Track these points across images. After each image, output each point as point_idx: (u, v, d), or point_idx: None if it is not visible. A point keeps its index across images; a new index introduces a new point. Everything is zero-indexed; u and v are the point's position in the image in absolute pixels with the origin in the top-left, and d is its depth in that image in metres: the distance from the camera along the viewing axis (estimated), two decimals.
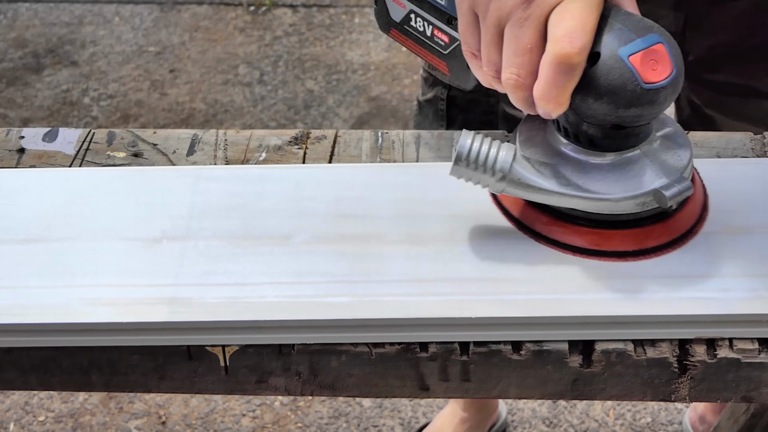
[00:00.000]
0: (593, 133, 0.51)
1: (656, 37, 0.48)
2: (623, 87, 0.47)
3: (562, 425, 1.58)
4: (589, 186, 0.51)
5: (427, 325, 0.51)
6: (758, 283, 0.51)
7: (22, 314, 0.51)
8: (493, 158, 0.51)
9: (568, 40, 0.46)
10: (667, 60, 0.48)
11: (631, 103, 0.48)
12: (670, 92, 0.48)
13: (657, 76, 0.48)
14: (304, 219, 0.56)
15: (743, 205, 0.57)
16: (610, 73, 0.47)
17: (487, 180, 0.52)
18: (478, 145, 0.51)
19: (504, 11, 0.49)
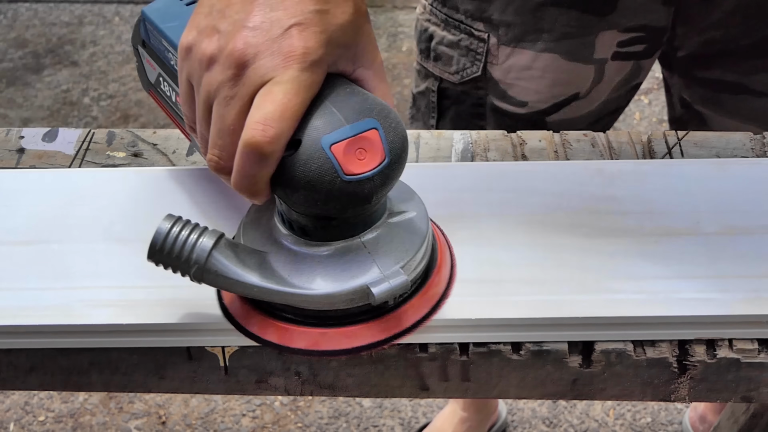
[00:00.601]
0: (304, 223, 0.48)
1: (371, 122, 0.44)
2: (321, 178, 0.43)
3: (562, 425, 1.58)
4: (293, 279, 0.47)
5: (426, 326, 0.50)
6: (758, 284, 0.51)
7: (22, 316, 0.51)
8: (190, 246, 0.46)
9: (261, 128, 0.42)
10: (379, 148, 0.44)
11: (330, 196, 0.44)
12: (377, 183, 0.44)
13: (362, 166, 0.43)
14: None
15: (743, 205, 0.57)
16: (308, 163, 0.43)
17: (185, 269, 0.46)
18: (177, 230, 0.46)
19: (213, 87, 0.45)
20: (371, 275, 0.47)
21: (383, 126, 0.45)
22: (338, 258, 0.47)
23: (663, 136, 0.64)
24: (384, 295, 0.46)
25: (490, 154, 0.63)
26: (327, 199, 0.44)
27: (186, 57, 0.47)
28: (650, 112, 2.28)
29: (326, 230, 0.48)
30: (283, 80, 0.43)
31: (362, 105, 0.45)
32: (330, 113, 0.44)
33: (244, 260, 0.47)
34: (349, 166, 0.43)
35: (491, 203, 0.57)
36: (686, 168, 0.60)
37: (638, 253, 0.53)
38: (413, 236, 0.49)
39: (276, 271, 0.47)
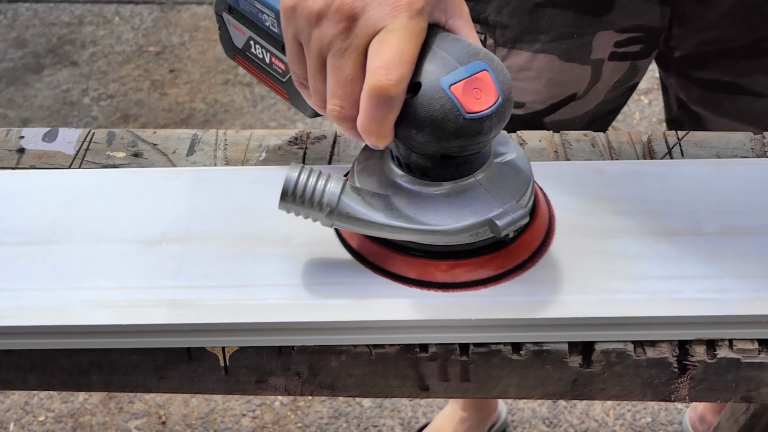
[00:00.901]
0: (423, 164, 0.50)
1: (481, 65, 0.47)
2: (444, 118, 0.46)
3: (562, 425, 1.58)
4: (420, 218, 0.50)
5: (427, 327, 0.51)
6: (758, 284, 0.51)
7: (22, 316, 0.51)
8: (320, 192, 0.49)
9: (384, 72, 0.45)
10: (492, 88, 0.47)
11: (454, 134, 0.47)
12: (495, 121, 0.47)
13: (480, 105, 0.46)
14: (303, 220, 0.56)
15: (743, 206, 0.57)
16: (431, 104, 0.46)
17: (316, 214, 0.50)
18: (305, 178, 0.50)
19: (325, 41, 0.47)
20: (492, 209, 0.49)
21: (492, 68, 0.47)
22: (458, 195, 0.50)
23: (663, 136, 0.64)
24: (508, 226, 0.49)
25: None
26: (451, 137, 0.47)
27: (291, 16, 0.49)
28: (650, 112, 2.28)
29: (445, 169, 0.50)
30: (394, 28, 0.46)
31: (469, 49, 0.48)
32: (442, 57, 0.47)
33: (370, 202, 0.50)
34: (468, 104, 0.46)
35: None
36: (686, 168, 0.60)
37: (638, 254, 0.53)
38: (520, 174, 0.52)
39: (401, 211, 0.50)
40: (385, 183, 0.52)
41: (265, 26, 0.55)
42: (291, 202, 0.50)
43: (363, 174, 0.53)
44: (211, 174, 0.60)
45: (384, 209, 0.50)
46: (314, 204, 0.50)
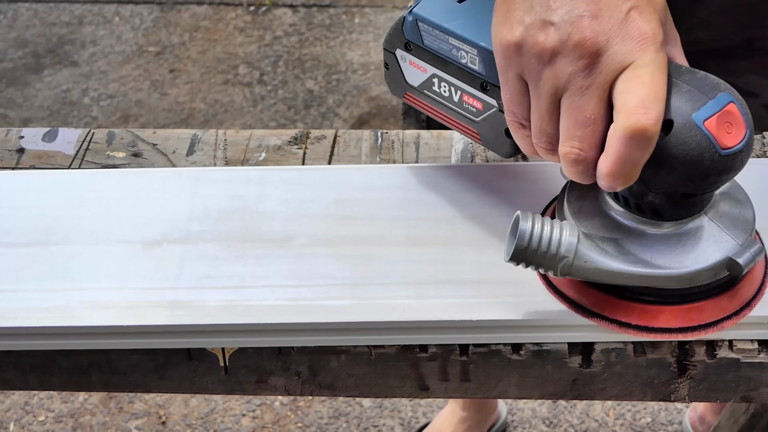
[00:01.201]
0: (659, 203, 0.48)
1: (727, 97, 0.45)
2: (701, 155, 0.44)
3: (562, 425, 1.58)
4: (657, 261, 0.48)
5: (427, 327, 0.51)
6: None
7: (22, 318, 0.51)
8: (556, 243, 0.47)
9: (642, 111, 0.42)
10: (741, 120, 0.45)
11: (708, 172, 0.44)
12: (746, 155, 0.45)
13: (732, 139, 0.44)
14: (303, 221, 0.56)
15: None
16: (687, 141, 0.44)
17: (550, 265, 0.48)
18: (539, 228, 0.47)
19: (561, 79, 0.44)
20: (729, 247, 0.48)
21: (735, 98, 0.45)
22: (693, 234, 0.48)
23: None
24: (748, 263, 0.47)
25: (489, 154, 0.63)
26: (705, 175, 0.45)
27: (515, 54, 0.46)
28: None
29: (681, 208, 0.48)
30: (645, 63, 0.43)
31: (710, 80, 0.45)
32: (688, 90, 0.45)
33: (604, 248, 0.48)
34: (723, 140, 0.44)
35: (492, 204, 0.57)
36: None
37: None
38: (742, 205, 0.50)
39: (636, 255, 0.48)
40: (611, 225, 0.49)
41: (460, 63, 0.52)
42: (523, 256, 0.47)
43: (581, 216, 0.50)
44: (211, 174, 0.60)
45: (619, 255, 0.48)
46: (549, 255, 0.47)
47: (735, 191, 0.51)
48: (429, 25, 0.53)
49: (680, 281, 0.48)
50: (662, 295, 0.49)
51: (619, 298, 0.50)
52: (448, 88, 0.55)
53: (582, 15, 0.44)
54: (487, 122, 0.53)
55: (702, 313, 0.49)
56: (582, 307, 0.50)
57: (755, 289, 0.51)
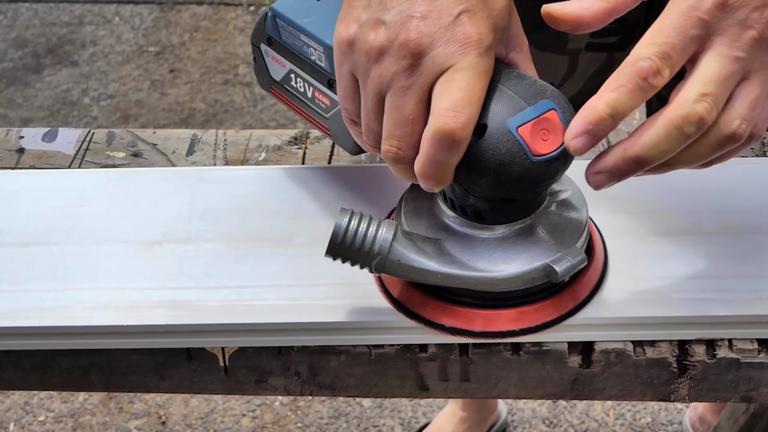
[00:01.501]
0: (481, 207, 0.48)
1: (549, 104, 0.45)
2: (511, 161, 0.44)
3: (562, 425, 1.58)
4: (474, 263, 0.48)
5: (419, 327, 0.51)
6: (758, 284, 0.51)
7: (22, 318, 0.51)
8: (371, 239, 0.47)
9: (452, 115, 0.43)
10: (560, 128, 0.45)
11: (519, 178, 0.44)
12: (561, 163, 0.45)
13: (547, 147, 0.44)
14: (303, 220, 0.56)
15: (743, 206, 0.57)
16: (497, 146, 0.44)
17: (365, 262, 0.47)
18: (355, 224, 0.47)
19: (386, 78, 0.44)
20: (551, 254, 0.48)
21: (559, 106, 0.45)
22: (515, 239, 0.49)
23: None
24: (566, 272, 0.47)
25: None
26: (516, 181, 0.45)
27: (348, 51, 0.46)
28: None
29: (503, 213, 0.48)
30: (463, 67, 0.44)
31: (535, 87, 0.46)
32: (509, 96, 0.45)
33: (422, 248, 0.48)
34: (536, 147, 0.44)
35: None
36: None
37: (638, 254, 0.53)
38: (577, 214, 0.50)
39: (454, 257, 0.48)
40: (437, 226, 0.50)
41: (310, 60, 0.53)
42: (339, 251, 0.47)
43: (412, 216, 0.51)
44: (211, 174, 0.60)
45: (436, 255, 0.48)
46: (363, 252, 0.47)
47: (573, 198, 0.51)
48: (284, 22, 0.53)
49: (493, 284, 0.48)
50: (483, 298, 0.49)
51: (440, 300, 0.50)
52: (303, 84, 0.55)
53: (412, 16, 0.44)
54: (334, 119, 0.54)
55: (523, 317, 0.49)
56: (404, 306, 0.50)
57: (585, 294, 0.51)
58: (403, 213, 0.51)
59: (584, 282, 0.51)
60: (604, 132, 0.43)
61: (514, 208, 0.48)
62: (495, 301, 0.49)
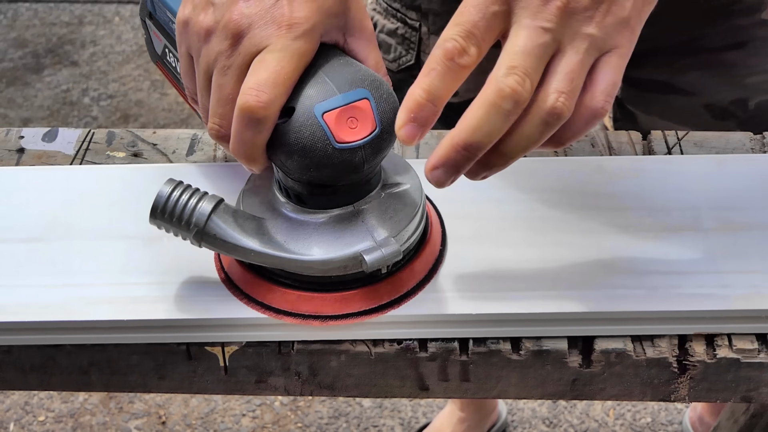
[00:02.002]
0: (299, 191, 0.49)
1: (363, 92, 0.45)
2: (313, 145, 0.45)
3: (562, 425, 1.58)
4: (289, 245, 0.48)
5: (426, 322, 0.51)
6: (757, 279, 0.52)
7: (22, 312, 0.51)
8: (190, 210, 0.47)
9: (254, 93, 0.44)
10: (370, 118, 0.45)
11: (322, 164, 0.45)
12: (369, 152, 0.46)
13: (353, 135, 0.45)
14: None
15: (742, 202, 0.57)
16: (301, 130, 0.45)
17: (185, 233, 0.48)
18: (178, 194, 0.47)
19: (211, 58, 0.46)
20: (365, 243, 0.48)
21: (374, 96, 0.46)
22: (333, 226, 0.49)
23: (663, 135, 0.64)
24: (376, 263, 0.47)
25: None
26: (319, 166, 0.45)
27: (184, 31, 0.48)
28: None
29: (321, 198, 0.49)
30: (276, 48, 0.45)
31: (354, 75, 0.46)
32: (323, 82, 0.46)
33: (242, 225, 0.48)
34: (340, 134, 0.45)
35: (491, 200, 0.57)
36: (685, 164, 0.60)
37: (638, 249, 0.54)
38: (406, 207, 0.50)
39: (273, 237, 0.48)
40: (266, 206, 0.50)
41: (174, 36, 0.53)
42: (161, 219, 0.48)
43: (249, 194, 0.52)
44: (211, 170, 0.60)
45: (254, 234, 0.48)
46: (182, 222, 0.47)
47: (410, 191, 0.51)
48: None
49: (302, 267, 0.48)
50: (301, 280, 0.49)
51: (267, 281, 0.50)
52: (174, 59, 0.56)
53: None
54: None
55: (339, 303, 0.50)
56: (235, 285, 0.51)
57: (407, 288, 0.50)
58: (243, 191, 0.52)
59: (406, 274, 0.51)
60: (428, 118, 0.43)
61: (331, 194, 0.48)
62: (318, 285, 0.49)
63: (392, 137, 0.47)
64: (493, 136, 0.43)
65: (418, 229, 0.51)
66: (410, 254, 0.51)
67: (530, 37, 0.43)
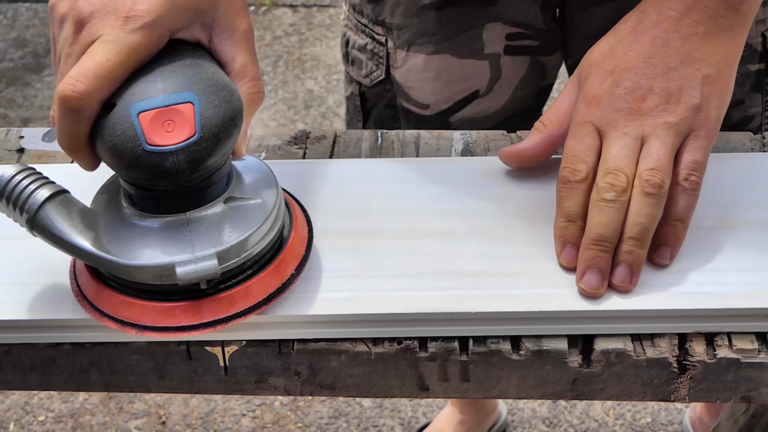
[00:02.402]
0: (129, 191, 0.47)
1: (188, 96, 0.44)
2: (124, 144, 0.43)
3: (562, 425, 1.58)
4: (110, 247, 0.46)
5: (426, 320, 0.51)
6: (756, 278, 0.52)
7: (21, 311, 0.51)
8: (26, 196, 0.45)
9: (72, 83, 0.43)
10: (190, 123, 0.43)
11: (131, 164, 0.43)
12: (182, 158, 0.43)
13: (167, 139, 0.43)
14: None
15: (741, 200, 0.57)
16: (115, 127, 0.43)
17: (20, 219, 0.46)
18: (20, 178, 0.46)
19: (59, 44, 0.47)
20: (183, 255, 0.46)
21: (203, 102, 0.44)
22: (159, 232, 0.47)
23: None
24: (188, 277, 0.45)
25: (490, 154, 0.63)
26: (129, 167, 0.44)
27: (49, 16, 0.49)
28: None
29: (149, 201, 0.47)
30: (107, 39, 0.44)
31: (190, 78, 0.45)
32: (152, 81, 0.44)
33: (74, 219, 0.46)
34: (152, 136, 0.43)
35: (491, 197, 0.57)
36: None
37: None
38: (245, 224, 0.47)
39: (99, 236, 0.47)
40: (109, 204, 0.49)
41: None
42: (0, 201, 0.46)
43: (105, 190, 0.50)
44: None
45: (83, 230, 0.46)
46: (17, 207, 0.46)
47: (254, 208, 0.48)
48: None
49: (116, 270, 0.46)
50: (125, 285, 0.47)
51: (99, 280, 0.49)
52: None
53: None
54: None
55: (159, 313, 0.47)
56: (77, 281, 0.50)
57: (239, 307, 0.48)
58: (104, 185, 0.51)
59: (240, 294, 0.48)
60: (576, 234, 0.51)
61: (158, 198, 0.46)
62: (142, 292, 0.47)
63: (218, 147, 0.45)
64: (612, 225, 0.50)
65: (256, 247, 0.48)
66: (248, 274, 0.48)
67: (616, 144, 0.52)
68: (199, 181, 0.46)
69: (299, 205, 0.54)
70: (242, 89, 0.49)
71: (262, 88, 0.50)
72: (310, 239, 0.52)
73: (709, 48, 0.53)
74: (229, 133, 0.45)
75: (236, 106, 0.46)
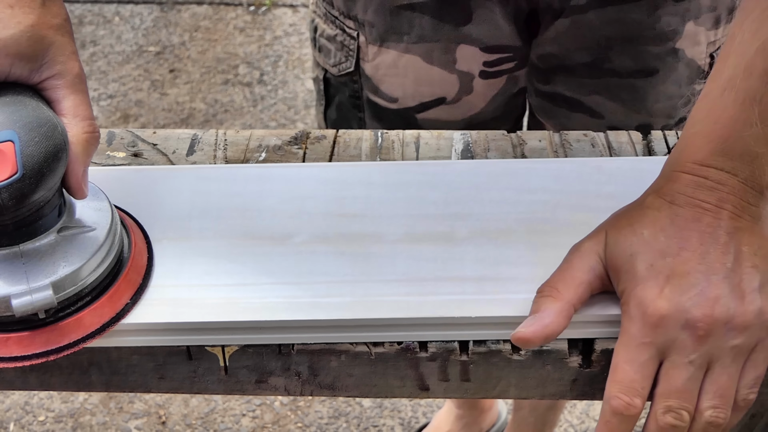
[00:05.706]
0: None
1: (8, 134, 0.44)
2: None
3: (562, 425, 1.58)
4: None
5: (426, 324, 0.51)
6: None
7: None
8: None
9: None
10: (10, 161, 0.43)
11: None
12: (6, 196, 0.44)
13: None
14: (303, 218, 0.57)
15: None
16: None
17: None
18: None
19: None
20: (18, 287, 0.46)
21: (24, 140, 0.45)
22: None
23: (663, 136, 0.64)
24: (24, 308, 0.46)
25: (490, 154, 0.63)
26: None
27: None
28: None
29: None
30: None
31: (9, 116, 0.45)
32: None
33: None
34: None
35: (492, 201, 0.57)
36: None
37: None
38: (80, 252, 0.48)
39: None
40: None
41: None
42: None
43: None
44: (211, 172, 0.60)
45: None
46: None
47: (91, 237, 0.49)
48: None
49: None
50: None
51: None
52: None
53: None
54: None
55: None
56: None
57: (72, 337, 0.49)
58: None
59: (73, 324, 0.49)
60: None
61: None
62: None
63: (42, 183, 0.45)
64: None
65: (92, 275, 0.49)
66: (87, 301, 0.49)
67: (681, 375, 0.48)
68: (28, 215, 0.47)
69: (140, 229, 0.55)
70: (76, 129, 0.49)
71: (96, 128, 0.50)
72: (150, 266, 0.53)
73: (755, 240, 0.49)
74: (53, 168, 0.46)
75: (58, 141, 0.46)
